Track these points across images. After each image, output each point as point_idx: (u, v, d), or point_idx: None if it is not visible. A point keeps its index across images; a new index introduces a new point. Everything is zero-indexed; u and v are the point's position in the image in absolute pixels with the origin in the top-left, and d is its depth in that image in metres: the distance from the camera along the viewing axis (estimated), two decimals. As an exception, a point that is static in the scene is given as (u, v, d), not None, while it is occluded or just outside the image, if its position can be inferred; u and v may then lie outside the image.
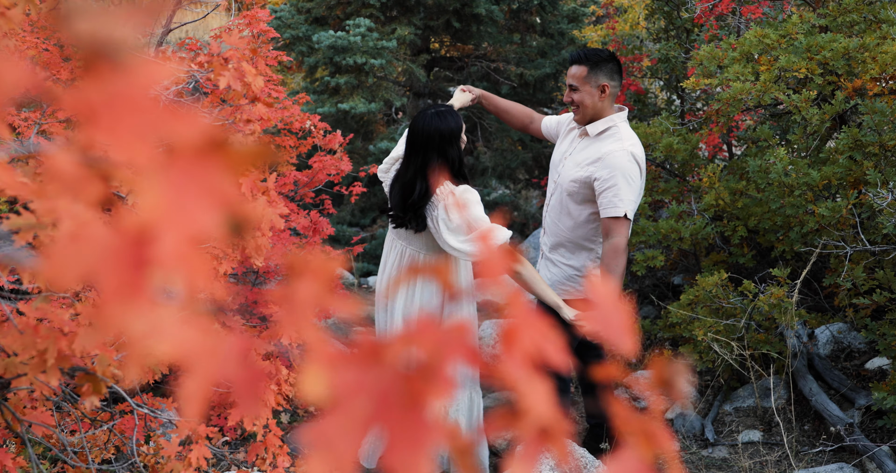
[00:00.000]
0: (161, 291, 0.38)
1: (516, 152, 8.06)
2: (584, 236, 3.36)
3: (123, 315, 0.37)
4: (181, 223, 0.34)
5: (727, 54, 4.62)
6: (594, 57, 3.21)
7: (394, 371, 0.38)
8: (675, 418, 4.20)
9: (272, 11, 7.35)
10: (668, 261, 5.56)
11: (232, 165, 0.35)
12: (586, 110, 3.25)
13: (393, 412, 0.38)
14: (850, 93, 4.21)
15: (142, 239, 0.35)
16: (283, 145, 4.94)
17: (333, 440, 0.38)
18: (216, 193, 0.35)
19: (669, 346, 4.92)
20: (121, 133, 0.31)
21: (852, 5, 4.55)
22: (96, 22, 0.31)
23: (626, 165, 3.12)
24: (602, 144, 3.23)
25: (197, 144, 0.33)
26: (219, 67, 1.98)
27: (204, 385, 0.39)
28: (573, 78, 3.23)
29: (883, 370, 4.13)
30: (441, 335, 0.38)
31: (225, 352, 0.40)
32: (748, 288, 4.04)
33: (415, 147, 2.99)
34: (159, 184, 0.33)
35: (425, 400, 0.37)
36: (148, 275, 0.37)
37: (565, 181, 3.32)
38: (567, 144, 3.45)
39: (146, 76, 0.32)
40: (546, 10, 7.83)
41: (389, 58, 6.91)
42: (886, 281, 3.61)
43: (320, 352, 0.38)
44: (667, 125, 5.24)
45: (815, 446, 3.75)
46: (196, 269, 0.35)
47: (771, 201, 4.19)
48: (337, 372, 0.38)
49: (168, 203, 0.34)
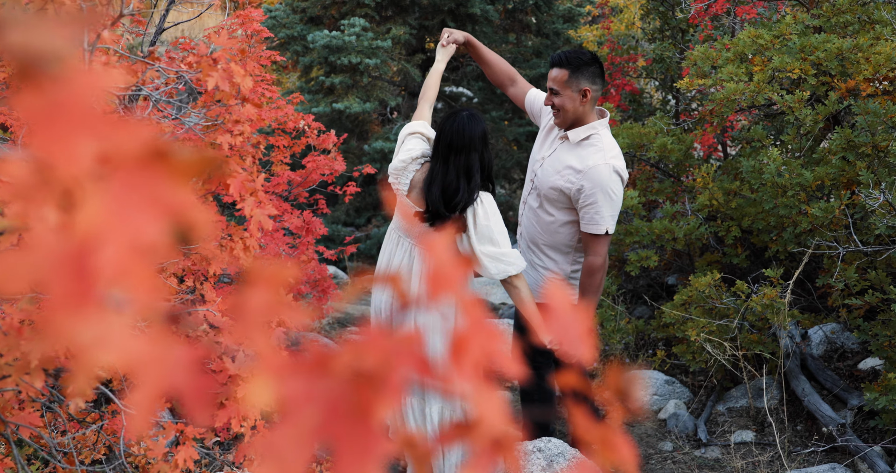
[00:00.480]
0: (111, 300, 0.38)
1: (511, 152, 8.06)
2: (562, 240, 3.30)
3: (70, 324, 0.37)
4: (122, 233, 0.34)
5: (721, 55, 4.62)
6: (576, 60, 3.12)
7: (342, 381, 0.37)
8: (669, 418, 4.20)
9: (267, 11, 7.35)
10: (662, 261, 5.57)
11: (176, 174, 0.35)
12: (567, 114, 3.16)
13: (341, 422, 0.37)
14: (843, 93, 4.21)
15: (85, 248, 0.35)
16: (277, 145, 4.93)
17: (282, 450, 0.38)
18: (159, 201, 0.34)
19: (663, 346, 4.92)
20: (54, 144, 0.30)
21: (846, 6, 4.56)
22: (29, 33, 0.31)
23: (608, 182, 3.07)
24: (584, 152, 3.16)
25: (138, 154, 0.33)
26: (207, 67, 1.98)
27: (152, 395, 0.38)
28: (554, 81, 3.14)
29: (876, 370, 4.14)
30: (391, 345, 0.38)
31: (175, 361, 0.40)
32: (741, 289, 4.05)
33: (455, 149, 3.04)
34: (100, 194, 0.33)
35: (374, 410, 0.37)
36: (95, 284, 0.36)
37: (544, 187, 3.25)
38: (547, 146, 3.37)
39: (84, 86, 0.32)
40: (541, 10, 7.84)
41: (384, 58, 6.91)
42: (878, 282, 3.61)
43: (268, 361, 0.37)
44: (661, 125, 5.24)
45: (808, 446, 3.75)
46: (139, 278, 0.35)
47: (764, 201, 4.20)
48: (285, 382, 0.37)
49: (109, 213, 0.33)
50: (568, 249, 3.31)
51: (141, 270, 0.35)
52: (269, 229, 1.98)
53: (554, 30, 7.99)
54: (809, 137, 4.54)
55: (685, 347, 4.27)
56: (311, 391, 0.37)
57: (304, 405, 0.37)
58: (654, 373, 4.53)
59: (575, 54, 3.13)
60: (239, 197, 1.93)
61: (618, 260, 5.35)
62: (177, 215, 0.36)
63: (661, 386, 4.45)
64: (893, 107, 3.87)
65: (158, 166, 0.34)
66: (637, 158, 5.29)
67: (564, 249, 3.31)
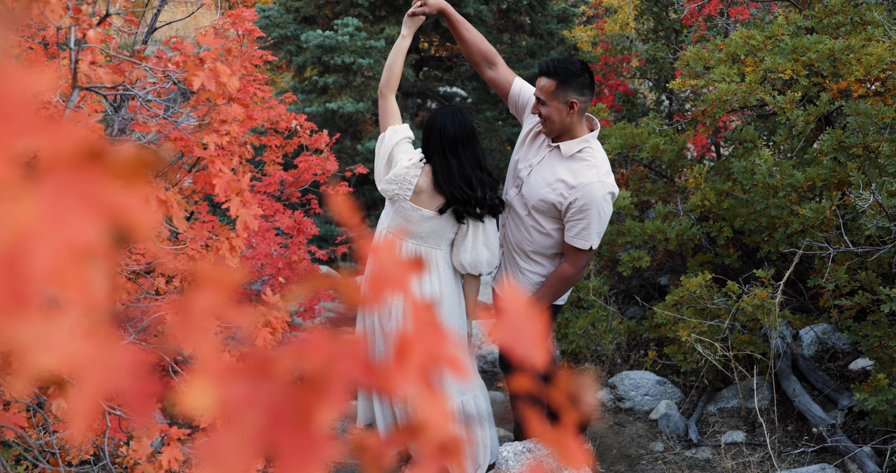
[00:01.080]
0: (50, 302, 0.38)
1: (505, 152, 8.06)
2: (550, 245, 3.27)
3: (8, 326, 0.36)
4: (56, 234, 0.33)
5: (713, 55, 4.62)
6: (564, 71, 3.01)
7: (284, 385, 0.37)
8: (660, 418, 4.21)
9: (261, 10, 7.34)
10: (654, 261, 5.57)
11: (114, 175, 0.34)
12: (553, 125, 3.08)
13: (284, 426, 0.37)
14: (835, 94, 4.22)
15: (19, 250, 0.35)
16: (269, 145, 4.93)
17: (223, 455, 0.38)
18: (95, 203, 0.34)
19: (655, 347, 4.92)
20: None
21: (838, 7, 4.56)
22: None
23: (601, 201, 3.05)
24: (576, 166, 3.10)
25: (71, 155, 0.32)
26: (193, 67, 1.97)
27: (91, 399, 0.38)
28: (541, 91, 3.04)
29: (867, 370, 4.14)
30: (332, 348, 0.37)
31: (119, 363, 0.39)
32: (732, 289, 4.05)
33: (463, 142, 3.15)
34: (33, 195, 0.33)
35: (315, 414, 0.37)
36: (30, 286, 0.36)
37: (534, 198, 3.18)
38: (534, 151, 3.28)
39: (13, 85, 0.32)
40: (535, 11, 7.84)
41: (378, 57, 6.91)
42: (868, 283, 3.62)
43: (209, 365, 0.37)
44: (653, 126, 5.24)
45: (798, 446, 3.76)
46: (75, 280, 0.34)
47: (756, 202, 4.20)
48: (226, 386, 0.37)
49: (42, 214, 0.33)
50: (555, 254, 3.29)
51: (77, 271, 0.34)
52: (255, 229, 1.97)
53: (548, 30, 7.99)
54: (801, 137, 4.55)
55: (676, 347, 4.27)
56: (252, 395, 0.37)
57: (245, 409, 0.37)
58: (645, 373, 4.54)
59: (563, 64, 3.03)
60: (225, 197, 1.92)
61: (610, 260, 5.35)
62: (115, 217, 0.35)
63: (653, 387, 4.45)
64: (884, 108, 3.87)
65: (94, 167, 0.33)
66: (630, 158, 5.29)
67: (551, 254, 3.29)
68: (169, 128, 2.19)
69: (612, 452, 4.03)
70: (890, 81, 4.07)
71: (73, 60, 2.01)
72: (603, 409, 4.46)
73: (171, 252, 2.15)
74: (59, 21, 1.95)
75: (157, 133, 2.25)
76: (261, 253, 4.38)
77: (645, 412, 4.37)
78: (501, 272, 3.48)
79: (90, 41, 1.97)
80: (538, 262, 3.30)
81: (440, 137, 3.15)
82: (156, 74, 2.17)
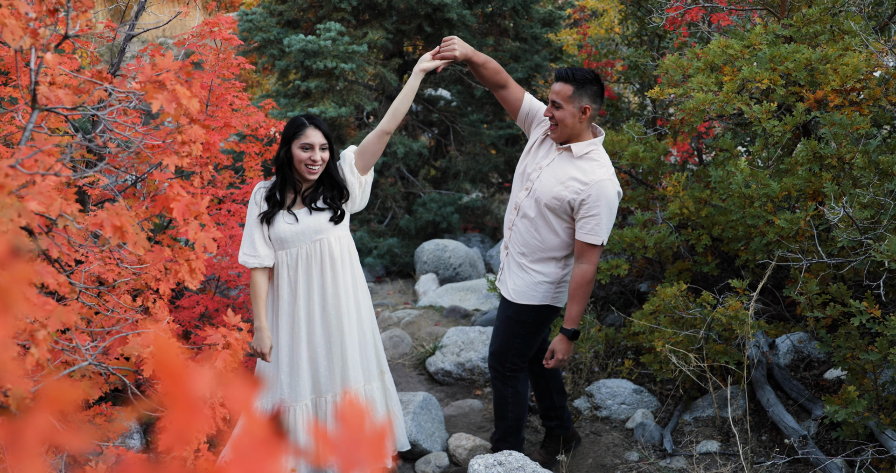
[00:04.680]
0: None
1: (489, 157, 8.06)
2: (557, 246, 3.44)
3: None
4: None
5: (692, 64, 4.63)
6: (581, 78, 3.25)
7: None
8: (636, 427, 4.22)
9: (244, 14, 7.31)
10: (633, 268, 5.58)
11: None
12: (565, 129, 3.30)
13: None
14: (811, 104, 4.23)
15: None
16: (249, 152, 4.92)
17: None
18: None
19: (632, 355, 4.94)
20: None
21: (816, 16, 4.57)
22: None
23: (612, 198, 3.27)
24: (587, 165, 3.31)
25: None
26: (152, 89, 1.96)
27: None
28: (557, 95, 3.26)
29: (841, 380, 4.16)
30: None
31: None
32: (707, 300, 4.06)
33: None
34: None
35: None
36: None
37: (546, 196, 3.36)
38: (543, 155, 3.47)
39: None
40: (520, 15, 7.83)
41: (360, 62, 6.89)
42: (840, 295, 3.63)
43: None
44: (632, 134, 5.25)
45: (771, 457, 3.77)
46: None
47: (733, 211, 4.21)
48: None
49: None
50: (560, 256, 3.47)
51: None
52: (214, 252, 1.97)
53: (532, 34, 7.99)
54: (778, 147, 4.56)
55: (653, 357, 4.28)
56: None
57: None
58: (622, 382, 4.55)
59: (581, 72, 3.27)
60: (183, 221, 1.92)
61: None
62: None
63: (630, 395, 4.46)
64: (859, 118, 3.89)
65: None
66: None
67: (558, 255, 3.47)
68: (128, 150, 2.19)
69: (588, 461, 4.04)
70: (866, 92, 4.08)
71: (33, 81, 2.00)
72: (580, 417, 4.47)
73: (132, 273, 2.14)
74: (17, 43, 1.94)
75: (116, 154, 2.24)
76: (236, 262, 4.36)
77: (621, 420, 4.38)
78: (505, 273, 3.64)
79: (47, 63, 1.96)
80: (544, 262, 3.47)
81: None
82: (118, 95, 2.16)
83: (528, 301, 3.50)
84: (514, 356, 3.64)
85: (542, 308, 3.52)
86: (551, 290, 3.49)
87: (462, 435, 4.20)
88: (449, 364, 5.14)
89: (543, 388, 3.97)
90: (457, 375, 5.12)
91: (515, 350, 3.62)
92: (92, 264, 2.14)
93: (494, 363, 3.71)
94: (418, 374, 5.34)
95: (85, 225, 1.71)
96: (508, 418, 3.77)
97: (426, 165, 8.71)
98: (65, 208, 1.83)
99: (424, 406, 4.30)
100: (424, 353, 5.45)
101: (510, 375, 3.68)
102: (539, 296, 3.50)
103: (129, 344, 2.05)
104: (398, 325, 6.29)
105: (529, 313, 3.53)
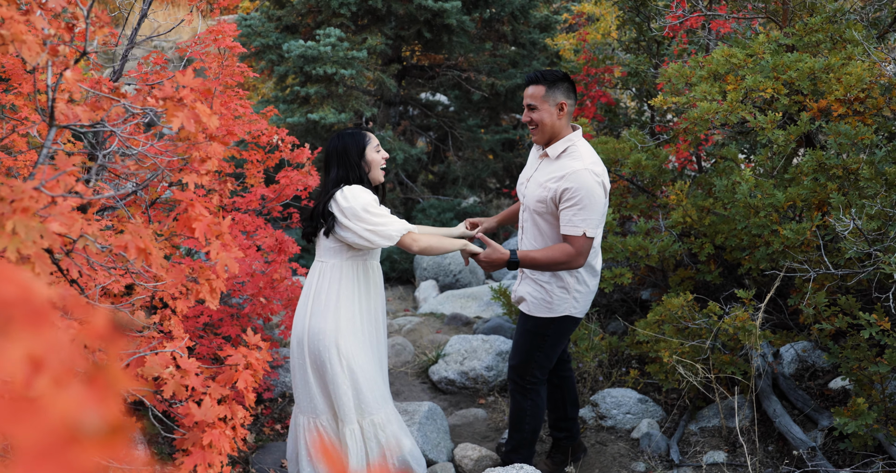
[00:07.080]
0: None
1: (487, 162, 8.05)
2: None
3: None
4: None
5: (695, 73, 4.63)
6: (551, 76, 3.34)
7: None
8: (642, 437, 4.21)
9: (242, 19, 7.28)
10: (636, 276, 5.58)
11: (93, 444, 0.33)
12: (545, 128, 3.37)
13: None
14: (815, 113, 4.23)
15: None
16: (251, 160, 4.89)
17: None
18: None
19: (636, 364, 4.93)
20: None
21: (818, 25, 4.58)
22: None
23: (590, 185, 3.22)
24: (563, 162, 3.34)
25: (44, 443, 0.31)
26: (172, 107, 1.94)
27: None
28: (531, 98, 3.35)
29: (846, 389, 4.16)
30: None
31: None
32: (713, 310, 4.06)
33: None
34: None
35: None
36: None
37: (532, 203, 3.41)
38: (529, 166, 3.60)
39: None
40: (518, 20, 7.82)
41: (360, 68, 6.87)
42: (848, 307, 3.63)
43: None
44: (634, 142, 5.25)
45: (779, 468, 3.77)
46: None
47: (737, 220, 4.21)
48: None
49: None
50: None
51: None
52: (235, 272, 1.94)
53: (530, 40, 7.98)
54: (781, 156, 4.56)
55: (658, 367, 4.28)
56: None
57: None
58: (627, 391, 4.54)
59: (549, 72, 3.37)
60: (204, 241, 1.90)
61: (592, 276, 5.35)
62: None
63: (635, 405, 4.45)
64: (863, 128, 3.90)
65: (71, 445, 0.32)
66: (612, 173, 5.30)
67: None
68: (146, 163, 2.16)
69: (595, 472, 4.03)
70: (869, 101, 4.09)
71: (51, 98, 1.97)
72: (585, 427, 4.46)
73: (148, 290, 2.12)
74: (36, 60, 1.91)
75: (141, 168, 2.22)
76: (242, 271, 4.34)
77: (627, 430, 4.37)
78: (520, 286, 3.66)
79: (67, 80, 1.93)
80: (554, 273, 3.48)
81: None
82: (134, 111, 2.14)
83: (546, 314, 3.50)
84: (534, 370, 3.64)
85: (560, 320, 3.51)
86: (567, 300, 3.47)
87: (468, 445, 4.18)
88: (452, 373, 5.12)
89: (559, 399, 3.96)
90: (460, 384, 5.10)
91: (536, 364, 3.62)
92: (107, 280, 2.11)
93: (515, 377, 3.70)
94: (421, 382, 5.32)
95: (108, 247, 1.68)
96: (525, 430, 3.76)
97: (424, 171, 8.69)
98: (86, 228, 1.81)
99: (430, 416, 4.29)
100: (427, 361, 5.44)
101: (531, 388, 3.67)
102: (556, 308, 3.48)
103: (147, 365, 2.03)
104: (399, 332, 6.27)
105: (549, 325, 3.52)
